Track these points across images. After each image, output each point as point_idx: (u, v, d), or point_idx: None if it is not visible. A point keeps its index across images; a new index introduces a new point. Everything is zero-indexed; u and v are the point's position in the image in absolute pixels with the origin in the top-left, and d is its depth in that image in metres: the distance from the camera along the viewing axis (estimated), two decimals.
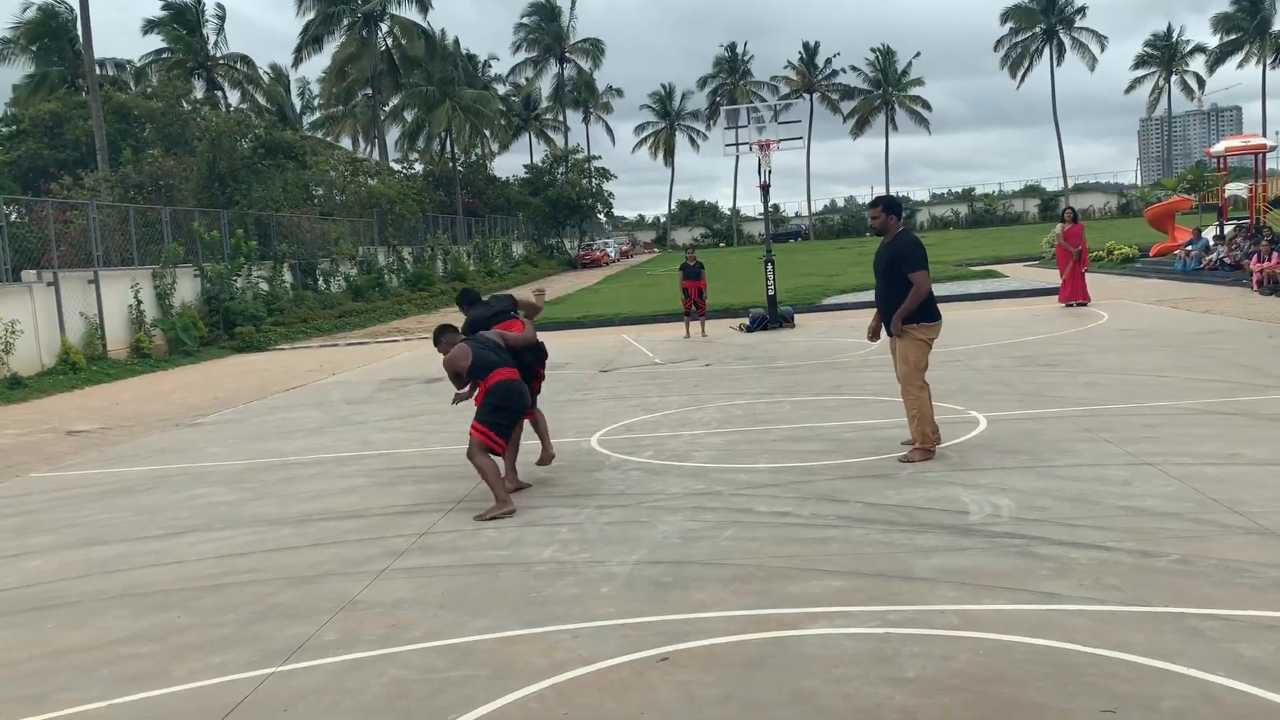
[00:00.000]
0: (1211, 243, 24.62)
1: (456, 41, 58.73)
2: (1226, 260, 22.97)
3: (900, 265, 7.40)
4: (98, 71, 33.67)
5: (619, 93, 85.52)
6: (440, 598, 5.25)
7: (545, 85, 77.68)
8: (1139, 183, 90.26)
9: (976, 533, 5.71)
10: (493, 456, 6.95)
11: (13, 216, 21.06)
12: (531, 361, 7.74)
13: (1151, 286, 22.56)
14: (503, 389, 6.99)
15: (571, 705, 3.90)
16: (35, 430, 12.74)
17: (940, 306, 7.73)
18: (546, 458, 7.68)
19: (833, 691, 3.86)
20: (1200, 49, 78.95)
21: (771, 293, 19.40)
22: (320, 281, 30.62)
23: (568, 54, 75.82)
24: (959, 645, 4.20)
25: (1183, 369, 10.92)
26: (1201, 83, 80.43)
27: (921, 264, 7.36)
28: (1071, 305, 18.84)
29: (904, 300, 7.36)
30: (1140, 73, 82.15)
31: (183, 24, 46.28)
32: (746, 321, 19.52)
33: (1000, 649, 4.14)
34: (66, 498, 8.52)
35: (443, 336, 7.42)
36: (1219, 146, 29.23)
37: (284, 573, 5.89)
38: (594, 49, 76.69)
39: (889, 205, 7.59)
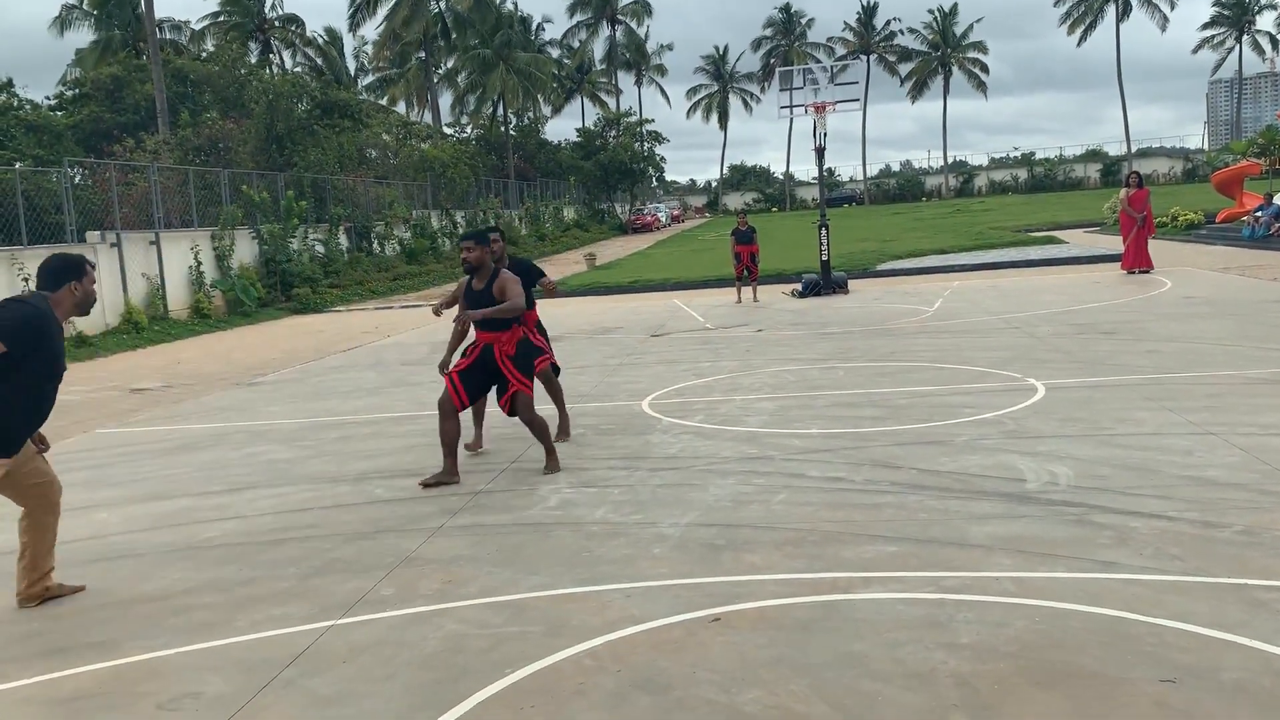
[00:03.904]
0: None
1: (515, 4, 58.62)
2: None
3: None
4: (157, 35, 34.09)
5: (669, 48, 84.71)
6: (494, 555, 5.32)
7: (598, 49, 77.30)
8: (1205, 146, 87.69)
9: (1033, 500, 5.65)
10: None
11: (77, 179, 21.51)
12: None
13: (1217, 253, 21.97)
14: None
15: (624, 663, 3.94)
16: (101, 387, 13.07)
17: (999, 272, 7.52)
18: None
19: (885, 656, 3.86)
20: (1272, 7, 76.29)
21: (825, 258, 19.20)
22: (375, 244, 30.91)
23: (618, 15, 75.24)
24: (1014, 612, 4.17)
25: (1248, 338, 10.65)
26: (1275, 42, 77.80)
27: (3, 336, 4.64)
28: (1134, 272, 18.42)
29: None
30: (1209, 33, 79.62)
31: None
32: (799, 286, 19.38)
33: (1056, 617, 4.10)
34: (132, 453, 8.74)
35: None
36: None
37: (342, 528, 6.00)
38: (642, 10, 76.01)
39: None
